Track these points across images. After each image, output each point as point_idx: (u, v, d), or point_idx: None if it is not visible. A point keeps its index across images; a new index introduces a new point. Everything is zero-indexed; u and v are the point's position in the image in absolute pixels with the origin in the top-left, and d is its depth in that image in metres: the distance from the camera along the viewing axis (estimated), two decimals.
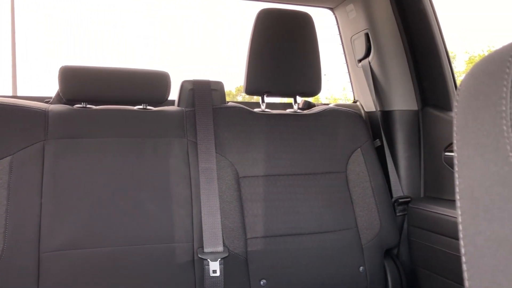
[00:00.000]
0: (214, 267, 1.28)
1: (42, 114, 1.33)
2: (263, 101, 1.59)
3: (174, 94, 1.56)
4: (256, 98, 1.67)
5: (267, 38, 1.50)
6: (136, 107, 1.48)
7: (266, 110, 1.59)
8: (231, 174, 1.41)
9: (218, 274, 1.28)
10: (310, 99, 1.81)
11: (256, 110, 1.56)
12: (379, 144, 1.72)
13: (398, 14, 1.68)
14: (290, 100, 1.65)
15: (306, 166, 1.48)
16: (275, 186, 1.43)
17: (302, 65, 1.53)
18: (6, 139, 1.25)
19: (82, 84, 1.40)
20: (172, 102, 1.60)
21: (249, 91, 1.53)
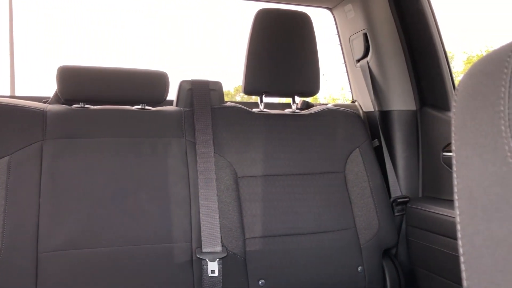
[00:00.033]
0: (213, 267, 1.28)
1: (40, 114, 1.33)
2: (262, 101, 1.59)
3: (172, 94, 1.56)
4: (254, 98, 1.67)
5: (266, 38, 1.50)
6: (134, 107, 1.48)
7: (265, 110, 1.59)
8: (230, 174, 1.41)
9: (216, 274, 1.28)
10: (309, 99, 1.81)
11: (254, 110, 1.56)
12: (378, 144, 1.72)
13: (396, 14, 1.68)
14: (289, 100, 1.66)
15: (304, 166, 1.48)
16: (274, 186, 1.43)
17: (300, 65, 1.53)
18: (4, 139, 1.25)
19: (80, 84, 1.39)
20: (170, 102, 1.60)
21: (247, 91, 1.53)
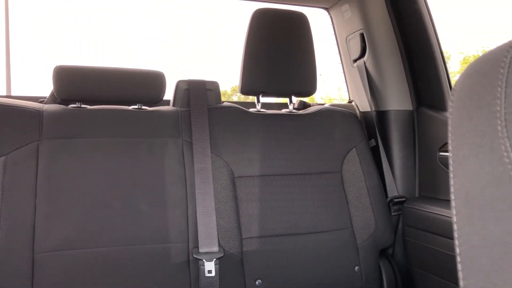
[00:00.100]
0: (210, 267, 1.28)
1: (37, 114, 1.32)
2: (259, 101, 1.59)
3: (169, 94, 1.55)
4: (251, 98, 1.67)
5: (263, 38, 1.50)
6: (131, 107, 1.47)
7: (262, 110, 1.59)
8: (227, 174, 1.40)
9: (213, 274, 1.28)
10: (306, 99, 1.81)
11: (251, 110, 1.56)
12: (374, 144, 1.72)
13: (393, 15, 1.68)
14: (286, 100, 1.66)
15: (301, 166, 1.48)
16: (271, 186, 1.43)
17: (297, 65, 1.53)
18: (0, 139, 1.25)
19: (76, 84, 1.39)
20: (167, 102, 1.59)
21: (244, 91, 1.53)
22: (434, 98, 1.64)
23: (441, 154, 1.56)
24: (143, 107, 1.48)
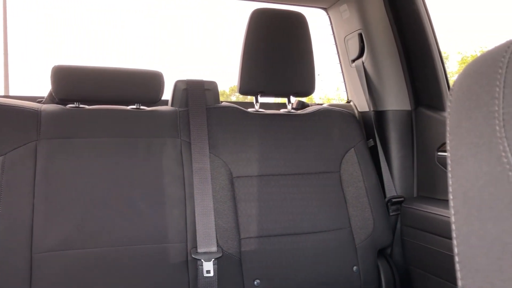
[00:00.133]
0: (208, 268, 1.28)
1: (35, 114, 1.32)
2: (257, 101, 1.58)
3: (167, 94, 1.55)
4: (250, 98, 1.67)
5: (261, 38, 1.50)
6: (129, 107, 1.47)
7: (260, 110, 1.59)
8: (225, 174, 1.40)
9: (211, 274, 1.28)
10: (304, 99, 1.81)
11: (250, 110, 1.56)
12: (373, 144, 1.72)
13: (391, 15, 1.68)
14: (284, 100, 1.66)
15: (300, 166, 1.48)
16: (269, 186, 1.43)
17: (296, 65, 1.53)
18: None
19: (75, 83, 1.39)
20: (165, 102, 1.59)
21: (243, 91, 1.53)
22: (432, 98, 1.64)
23: (439, 154, 1.56)
24: (142, 107, 1.48)
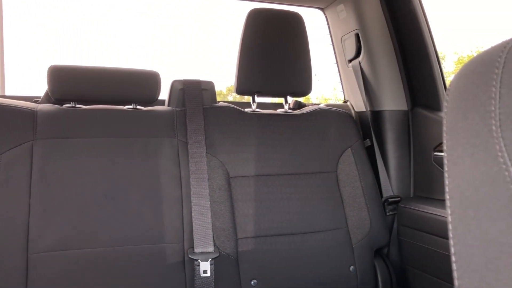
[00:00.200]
0: (205, 268, 1.28)
1: (31, 114, 1.31)
2: (254, 101, 1.58)
3: (164, 94, 1.55)
4: (247, 98, 1.67)
5: (258, 38, 1.50)
6: (126, 107, 1.47)
7: (257, 110, 1.59)
8: (222, 174, 1.40)
9: (208, 274, 1.28)
10: (301, 99, 1.81)
11: (246, 110, 1.56)
12: (369, 144, 1.73)
13: (388, 15, 1.69)
14: (281, 100, 1.66)
15: (296, 166, 1.48)
16: (266, 186, 1.43)
17: (293, 65, 1.53)
18: None
19: (71, 83, 1.38)
20: (162, 102, 1.59)
21: (240, 91, 1.53)
22: (429, 98, 1.65)
23: (436, 154, 1.56)
24: (138, 107, 1.48)
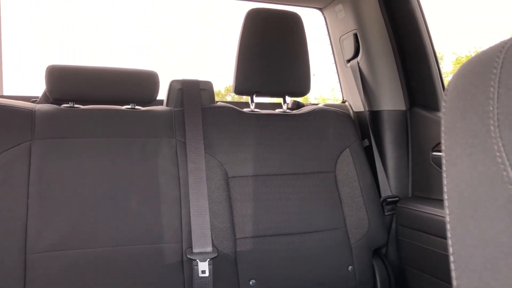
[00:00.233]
0: (203, 268, 1.28)
1: (29, 113, 1.31)
2: (252, 101, 1.58)
3: (162, 94, 1.55)
4: (245, 98, 1.67)
5: (256, 38, 1.50)
6: (124, 107, 1.47)
7: (255, 110, 1.59)
8: (220, 174, 1.40)
9: (207, 274, 1.28)
10: (299, 99, 1.81)
11: (245, 110, 1.56)
12: (368, 144, 1.73)
13: (386, 15, 1.69)
14: (279, 100, 1.66)
15: (295, 166, 1.48)
16: (264, 186, 1.43)
17: (291, 65, 1.53)
18: None
19: (69, 83, 1.38)
20: (160, 102, 1.59)
21: (238, 91, 1.53)
22: (427, 98, 1.65)
23: (434, 154, 1.57)
24: (137, 107, 1.47)
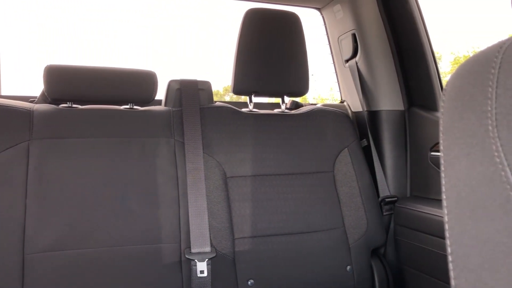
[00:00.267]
0: (202, 268, 1.28)
1: (27, 113, 1.31)
2: (251, 101, 1.58)
3: (161, 94, 1.55)
4: (243, 98, 1.67)
5: (255, 38, 1.50)
6: (122, 107, 1.47)
7: (254, 110, 1.59)
8: (219, 174, 1.40)
9: (205, 274, 1.28)
10: (298, 99, 1.81)
11: (243, 110, 1.56)
12: (366, 144, 1.73)
13: (385, 15, 1.69)
14: (278, 100, 1.66)
15: (293, 166, 1.48)
16: (263, 186, 1.43)
17: (289, 65, 1.53)
18: None
19: (67, 83, 1.38)
20: (159, 102, 1.59)
21: (236, 91, 1.53)
22: (425, 98, 1.65)
23: (432, 154, 1.57)
24: (135, 107, 1.47)
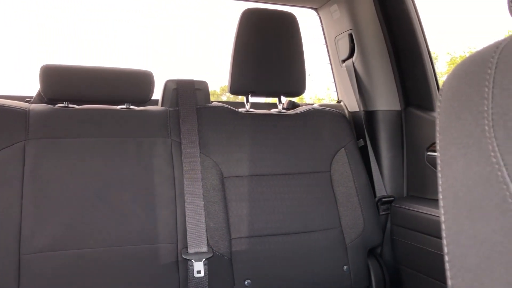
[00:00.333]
0: (198, 268, 1.28)
1: (23, 113, 1.31)
2: (248, 101, 1.58)
3: (157, 94, 1.54)
4: (240, 98, 1.67)
5: (252, 38, 1.50)
6: (119, 107, 1.46)
7: (251, 110, 1.59)
8: (216, 174, 1.40)
9: (202, 274, 1.28)
10: (295, 99, 1.81)
11: (240, 110, 1.56)
12: (363, 144, 1.73)
13: (381, 15, 1.69)
14: (275, 100, 1.66)
15: (290, 166, 1.49)
16: (260, 186, 1.43)
17: (286, 65, 1.53)
18: None
19: (64, 83, 1.37)
20: (155, 102, 1.58)
21: (233, 91, 1.53)
22: (422, 99, 1.65)
23: (429, 154, 1.57)
24: (132, 107, 1.47)
